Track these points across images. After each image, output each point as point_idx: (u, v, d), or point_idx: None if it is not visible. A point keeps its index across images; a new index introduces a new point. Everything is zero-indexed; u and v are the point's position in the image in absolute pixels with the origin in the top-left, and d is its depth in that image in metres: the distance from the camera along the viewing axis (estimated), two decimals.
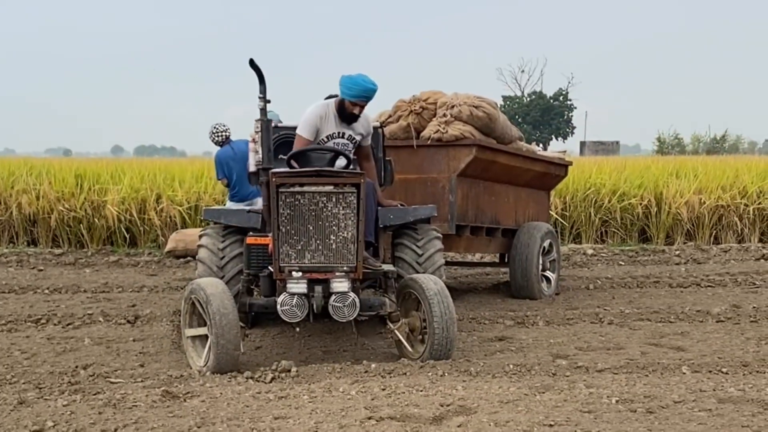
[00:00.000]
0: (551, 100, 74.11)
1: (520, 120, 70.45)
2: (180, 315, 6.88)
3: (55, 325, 8.03)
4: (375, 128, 7.74)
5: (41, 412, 4.93)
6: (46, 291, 10.13)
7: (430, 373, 5.75)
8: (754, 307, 8.98)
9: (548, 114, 72.94)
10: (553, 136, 73.82)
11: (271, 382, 5.66)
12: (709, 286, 10.77)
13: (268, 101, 6.45)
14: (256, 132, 6.88)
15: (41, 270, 12.23)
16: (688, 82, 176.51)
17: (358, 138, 7.09)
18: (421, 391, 5.30)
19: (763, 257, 13.73)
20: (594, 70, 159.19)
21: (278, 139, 7.61)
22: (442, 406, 4.99)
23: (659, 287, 10.74)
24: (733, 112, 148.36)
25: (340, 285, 5.91)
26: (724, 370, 6.16)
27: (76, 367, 6.33)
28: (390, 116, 9.37)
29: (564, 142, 75.26)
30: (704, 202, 15.80)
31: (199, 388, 5.61)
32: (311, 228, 5.91)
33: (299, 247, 5.92)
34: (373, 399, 5.13)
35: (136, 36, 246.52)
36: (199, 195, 14.95)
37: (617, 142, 59.26)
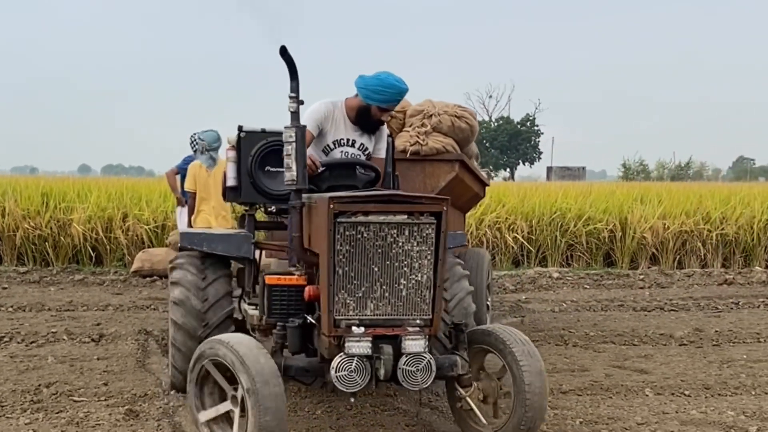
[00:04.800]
0: (518, 126, 74.68)
1: (487, 145, 70.90)
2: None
3: (19, 343, 7.94)
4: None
5: (3, 431, 4.88)
6: (10, 309, 10.02)
7: (397, 396, 5.76)
8: (716, 331, 9.08)
9: (515, 139, 73.46)
10: (520, 161, 74.35)
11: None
12: (672, 310, 10.87)
13: (301, 102, 5.06)
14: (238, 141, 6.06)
15: (5, 288, 12.10)
16: (654, 109, 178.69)
17: (370, 149, 5.95)
18: (386, 411, 5.32)
19: (725, 282, 13.87)
20: (561, 96, 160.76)
21: (265, 148, 6.13)
22: (407, 426, 5.01)
23: (623, 310, 10.81)
24: (697, 140, 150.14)
25: (415, 344, 4.45)
26: (686, 392, 6.23)
27: (39, 385, 6.26)
28: None
29: (531, 167, 75.87)
30: (668, 228, 15.97)
31: (163, 407, 5.59)
32: (376, 269, 4.46)
33: (360, 294, 4.46)
34: (338, 419, 5.14)
35: (105, 55, 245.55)
36: (166, 214, 14.87)
37: (583, 168, 59.86)
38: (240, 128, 6.11)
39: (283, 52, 4.86)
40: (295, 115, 4.89)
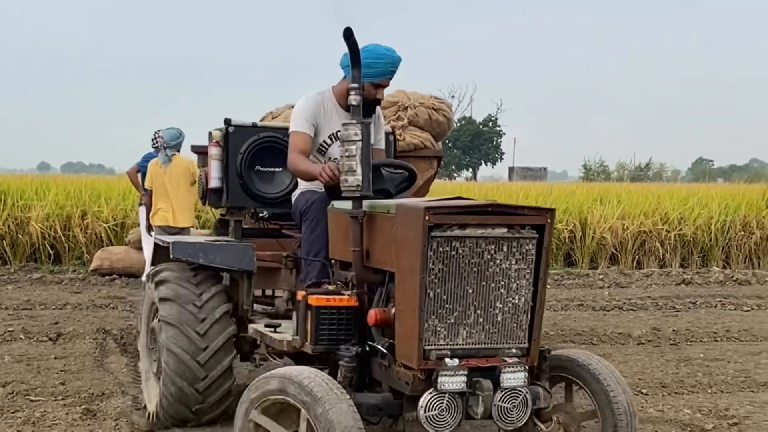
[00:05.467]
0: (480, 126, 74.96)
1: (450, 145, 71.09)
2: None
3: None
4: (386, 133, 5.68)
5: None
6: None
7: None
8: (673, 330, 9.18)
9: (478, 139, 73.72)
10: (482, 162, 74.69)
11: None
12: (630, 309, 10.97)
13: (362, 90, 4.33)
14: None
15: None
16: (615, 111, 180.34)
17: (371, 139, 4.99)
18: None
19: (683, 282, 14.03)
20: (523, 97, 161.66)
21: (256, 145, 5.45)
22: None
23: (583, 310, 10.91)
24: (657, 142, 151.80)
25: (515, 377, 3.84)
26: (644, 391, 6.30)
27: None
28: None
29: (493, 167, 76.23)
30: (627, 228, 16.12)
31: (121, 406, 5.55)
32: (470, 291, 3.83)
33: (452, 320, 3.80)
34: None
35: (65, 53, 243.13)
36: (125, 212, 14.76)
37: (545, 169, 60.23)
38: (228, 122, 5.40)
39: (348, 35, 4.17)
40: (357, 108, 4.18)
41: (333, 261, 4.51)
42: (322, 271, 4.61)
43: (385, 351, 3.93)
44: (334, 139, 4.99)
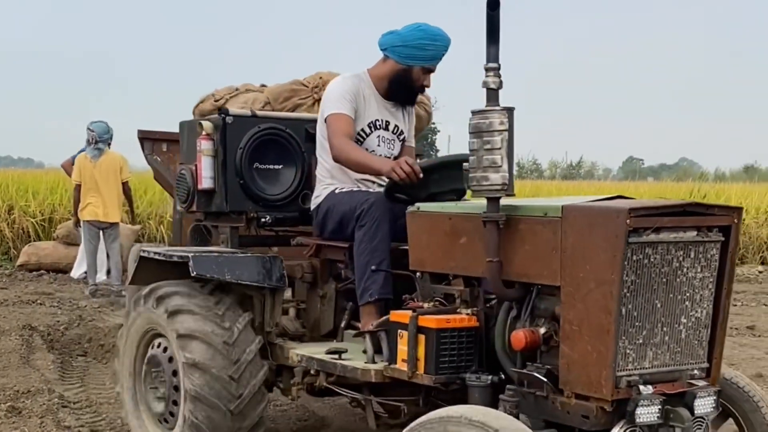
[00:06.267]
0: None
1: None
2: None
3: None
4: None
5: None
6: None
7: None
8: None
9: None
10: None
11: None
12: None
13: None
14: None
15: None
16: (546, 109, 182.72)
17: (406, 132, 4.74)
18: (278, 405, 5.31)
19: None
20: (457, 94, 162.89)
21: (257, 138, 4.72)
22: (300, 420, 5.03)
23: None
24: (589, 140, 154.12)
25: (707, 402, 3.26)
26: None
27: None
28: (266, 104, 5.87)
29: None
30: None
31: (47, 404, 5.47)
32: (659, 305, 3.29)
33: (640, 341, 3.26)
34: None
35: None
36: (53, 207, 14.52)
37: None
38: (224, 111, 4.70)
39: (494, 4, 3.46)
40: (494, 93, 3.50)
41: (419, 274, 3.82)
42: (385, 286, 4.04)
43: (543, 379, 3.28)
44: (372, 129, 4.48)
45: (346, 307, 4.32)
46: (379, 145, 4.50)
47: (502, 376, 3.45)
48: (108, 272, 10.55)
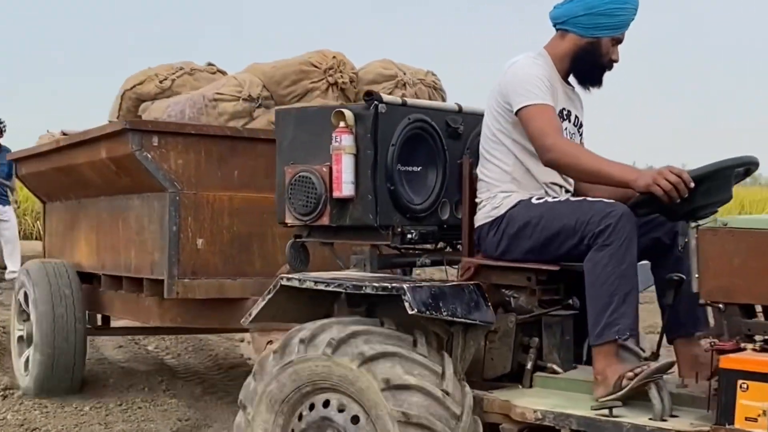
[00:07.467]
0: None
1: None
2: None
3: None
4: None
5: None
6: None
7: (168, 391, 5.70)
8: None
9: None
10: None
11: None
12: None
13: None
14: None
15: None
16: None
17: (583, 122, 3.81)
18: (158, 406, 5.30)
19: None
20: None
21: (407, 133, 3.68)
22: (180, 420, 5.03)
23: None
24: None
25: None
26: None
27: None
28: (262, 87, 5.16)
29: None
30: None
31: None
32: None
33: None
34: (107, 415, 5.12)
35: None
36: None
37: None
38: (377, 97, 3.58)
39: None
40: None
41: (721, 306, 3.05)
42: (636, 321, 3.23)
43: None
44: (561, 119, 3.56)
45: (530, 345, 3.49)
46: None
47: None
48: None
